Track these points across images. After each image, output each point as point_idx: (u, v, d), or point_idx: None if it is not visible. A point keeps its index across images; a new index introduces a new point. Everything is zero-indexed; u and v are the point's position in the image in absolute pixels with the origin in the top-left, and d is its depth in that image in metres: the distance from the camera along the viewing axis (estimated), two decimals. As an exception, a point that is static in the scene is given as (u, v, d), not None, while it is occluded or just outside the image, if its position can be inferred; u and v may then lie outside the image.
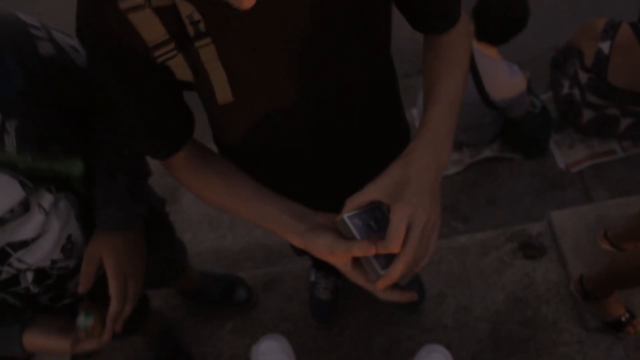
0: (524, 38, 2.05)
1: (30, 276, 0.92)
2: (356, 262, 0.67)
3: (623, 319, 1.68)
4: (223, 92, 0.68)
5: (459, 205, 2.36)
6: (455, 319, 1.83)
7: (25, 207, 0.83)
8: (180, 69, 0.65)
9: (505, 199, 2.34)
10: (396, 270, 0.63)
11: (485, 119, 2.26)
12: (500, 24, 1.98)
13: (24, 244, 0.86)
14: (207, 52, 0.63)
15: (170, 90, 0.70)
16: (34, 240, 0.87)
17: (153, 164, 1.03)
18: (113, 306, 0.91)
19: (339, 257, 0.65)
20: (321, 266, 1.82)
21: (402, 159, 0.68)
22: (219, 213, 2.28)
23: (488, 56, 2.08)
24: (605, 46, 2.06)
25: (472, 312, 1.83)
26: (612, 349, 1.71)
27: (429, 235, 0.66)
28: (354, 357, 1.79)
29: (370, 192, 0.66)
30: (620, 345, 1.71)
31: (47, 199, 0.86)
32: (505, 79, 2.08)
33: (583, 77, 2.20)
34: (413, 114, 2.64)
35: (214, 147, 0.92)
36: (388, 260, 0.65)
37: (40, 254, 0.90)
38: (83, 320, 0.90)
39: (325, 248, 0.65)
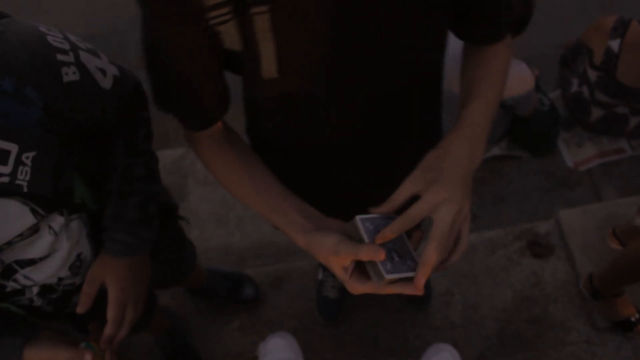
0: (529, 35, 2.03)
1: (35, 290, 0.90)
2: (357, 266, 0.64)
3: (633, 318, 1.68)
4: (269, 66, 0.66)
5: (466, 203, 2.35)
6: (463, 316, 1.82)
7: (34, 230, 0.81)
8: (230, 37, 0.64)
9: (513, 197, 2.33)
10: (431, 255, 0.61)
11: (493, 116, 2.25)
12: None
13: (31, 262, 0.85)
14: (262, 21, 0.61)
15: (216, 59, 0.68)
16: (42, 259, 0.86)
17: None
18: (108, 329, 0.90)
19: (343, 258, 0.62)
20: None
21: (437, 150, 0.68)
22: (226, 210, 2.28)
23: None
24: (614, 44, 2.05)
25: (480, 310, 1.83)
26: (620, 349, 1.70)
27: (460, 226, 0.66)
28: (361, 356, 1.79)
29: (407, 188, 0.65)
30: (629, 345, 1.71)
31: (58, 221, 0.84)
32: (513, 76, 2.07)
33: (592, 75, 2.19)
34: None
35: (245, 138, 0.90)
36: (395, 265, 0.63)
37: (48, 272, 0.88)
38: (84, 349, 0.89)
39: (330, 248, 0.62)
